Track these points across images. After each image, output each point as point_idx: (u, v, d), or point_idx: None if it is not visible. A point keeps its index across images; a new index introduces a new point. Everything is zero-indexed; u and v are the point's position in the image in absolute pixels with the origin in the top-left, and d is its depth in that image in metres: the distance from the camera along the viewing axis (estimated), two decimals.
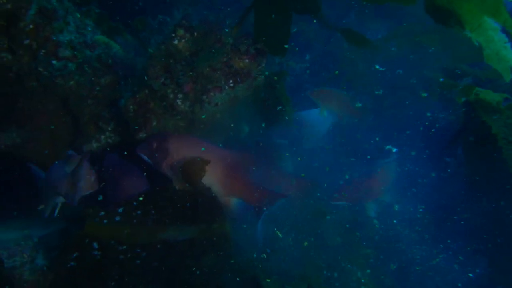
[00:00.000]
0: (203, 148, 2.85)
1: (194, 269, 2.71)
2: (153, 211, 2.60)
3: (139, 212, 2.54)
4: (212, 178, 2.84)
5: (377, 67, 4.73)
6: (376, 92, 4.85)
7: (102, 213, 2.46)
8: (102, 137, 3.33)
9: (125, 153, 3.07)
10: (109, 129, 3.33)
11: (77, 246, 2.37)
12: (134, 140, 3.22)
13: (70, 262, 2.31)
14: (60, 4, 3.12)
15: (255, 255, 3.13)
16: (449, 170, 4.35)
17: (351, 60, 4.55)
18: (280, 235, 3.56)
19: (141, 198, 2.62)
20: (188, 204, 2.75)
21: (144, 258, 2.49)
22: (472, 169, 3.94)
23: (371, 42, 3.22)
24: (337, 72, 4.75)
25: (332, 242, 3.79)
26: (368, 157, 4.46)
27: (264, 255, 3.31)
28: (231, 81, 3.08)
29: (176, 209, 2.71)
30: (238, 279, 2.97)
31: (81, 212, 2.59)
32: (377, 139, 4.54)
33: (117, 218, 2.48)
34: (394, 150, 4.50)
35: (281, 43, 2.94)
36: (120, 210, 2.50)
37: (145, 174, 2.90)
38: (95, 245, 2.38)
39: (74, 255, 2.34)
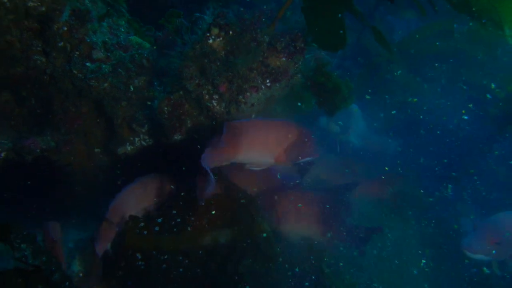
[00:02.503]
0: None
1: (233, 274, 2.65)
2: (192, 218, 2.54)
3: (178, 220, 2.48)
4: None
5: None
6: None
7: (142, 224, 2.42)
8: (136, 139, 3.28)
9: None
10: (143, 131, 3.27)
11: (123, 257, 2.33)
12: (168, 142, 3.16)
13: (119, 272, 2.28)
14: (93, 5, 3.06)
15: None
16: None
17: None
18: None
19: (181, 203, 2.56)
20: (227, 206, 2.68)
21: (186, 266, 2.43)
22: None
23: (391, 48, 3.05)
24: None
25: None
26: None
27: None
28: (268, 81, 2.97)
29: (215, 213, 2.64)
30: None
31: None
32: None
33: (156, 229, 2.44)
34: None
35: (339, 36, 2.78)
36: (160, 220, 2.46)
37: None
38: (138, 256, 2.34)
39: (122, 264, 2.31)
